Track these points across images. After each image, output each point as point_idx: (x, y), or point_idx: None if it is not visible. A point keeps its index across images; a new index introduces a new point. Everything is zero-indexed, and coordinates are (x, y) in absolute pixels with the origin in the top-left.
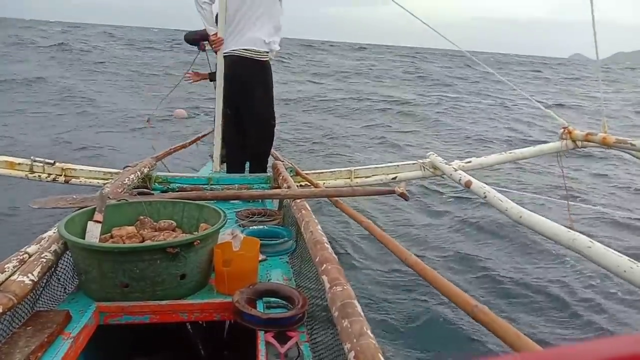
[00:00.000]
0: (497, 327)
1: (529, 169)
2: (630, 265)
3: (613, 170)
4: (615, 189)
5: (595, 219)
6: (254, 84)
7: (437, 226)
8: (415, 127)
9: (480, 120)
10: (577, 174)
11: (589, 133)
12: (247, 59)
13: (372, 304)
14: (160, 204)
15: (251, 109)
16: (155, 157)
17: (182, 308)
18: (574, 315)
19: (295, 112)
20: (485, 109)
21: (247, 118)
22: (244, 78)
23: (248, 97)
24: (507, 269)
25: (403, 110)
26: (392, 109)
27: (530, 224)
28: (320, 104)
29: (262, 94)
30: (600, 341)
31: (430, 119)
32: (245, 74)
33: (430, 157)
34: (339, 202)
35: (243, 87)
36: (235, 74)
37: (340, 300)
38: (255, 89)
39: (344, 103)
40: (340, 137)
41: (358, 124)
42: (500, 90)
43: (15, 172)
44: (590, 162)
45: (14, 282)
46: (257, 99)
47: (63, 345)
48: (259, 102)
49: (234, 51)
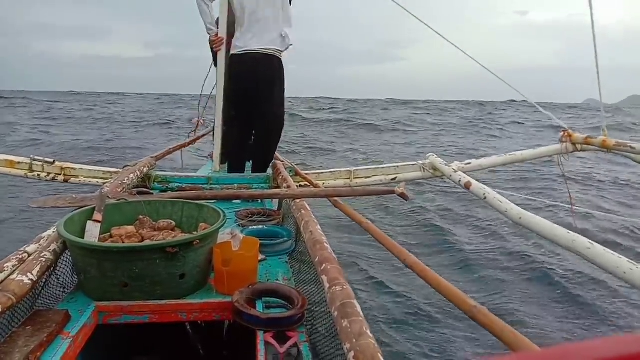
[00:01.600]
0: (495, 328)
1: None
2: (629, 266)
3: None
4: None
5: (599, 222)
6: (275, 79)
7: (437, 225)
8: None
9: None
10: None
11: (588, 136)
12: (268, 56)
13: (372, 304)
14: (159, 204)
15: (269, 105)
16: (154, 157)
17: (182, 308)
18: (574, 315)
19: None
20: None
21: (261, 115)
22: (264, 75)
23: (267, 93)
24: (507, 269)
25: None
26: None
27: (530, 225)
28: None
29: (279, 90)
30: (599, 341)
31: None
32: (266, 70)
33: (430, 158)
34: (338, 202)
35: (262, 84)
36: (256, 70)
37: (340, 300)
38: (275, 85)
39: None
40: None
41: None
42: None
43: (15, 170)
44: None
45: (13, 282)
46: (275, 95)
47: (62, 345)
48: (278, 98)
49: (254, 50)
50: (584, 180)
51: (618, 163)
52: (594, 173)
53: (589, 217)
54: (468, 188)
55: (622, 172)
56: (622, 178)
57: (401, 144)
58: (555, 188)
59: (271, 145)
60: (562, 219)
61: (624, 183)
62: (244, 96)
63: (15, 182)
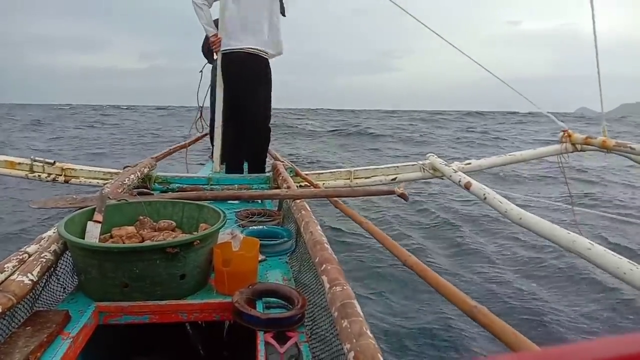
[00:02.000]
0: (496, 328)
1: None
2: (630, 267)
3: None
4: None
5: (601, 222)
6: (260, 79)
7: (437, 225)
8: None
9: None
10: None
11: (588, 136)
12: (254, 55)
13: (372, 304)
14: (160, 204)
15: (255, 104)
16: (154, 158)
17: (182, 308)
18: (574, 315)
19: None
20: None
21: (249, 114)
22: (249, 74)
23: (252, 92)
24: (507, 268)
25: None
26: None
27: (530, 225)
28: None
29: (265, 90)
30: (599, 341)
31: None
32: (252, 69)
33: (430, 158)
34: (338, 203)
35: (246, 83)
36: (241, 69)
37: (340, 300)
38: (260, 84)
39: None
40: None
41: None
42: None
43: (15, 171)
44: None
45: (13, 282)
46: (260, 94)
47: (62, 345)
48: (263, 98)
49: (241, 49)
50: (585, 180)
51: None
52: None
53: (589, 216)
54: (468, 188)
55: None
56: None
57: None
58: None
59: (261, 144)
60: (561, 218)
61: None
62: (232, 95)
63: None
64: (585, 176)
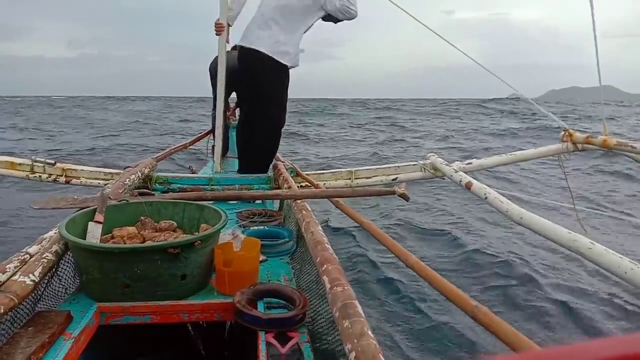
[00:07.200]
0: (496, 328)
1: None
2: (631, 266)
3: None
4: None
5: (603, 222)
6: (262, 77)
7: (436, 225)
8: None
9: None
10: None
11: (589, 136)
12: (256, 52)
13: (373, 305)
14: (160, 205)
15: (261, 104)
16: (155, 158)
17: (183, 308)
18: (574, 315)
19: None
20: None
21: (260, 113)
22: (253, 71)
23: (258, 90)
24: (507, 268)
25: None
26: None
27: (531, 225)
28: None
29: (269, 90)
30: (600, 341)
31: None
32: (255, 67)
33: (430, 158)
34: (339, 203)
35: (248, 80)
36: (244, 65)
37: (341, 300)
38: (263, 84)
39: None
40: None
41: None
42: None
43: (16, 172)
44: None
45: (15, 283)
46: (265, 93)
47: (64, 346)
48: (269, 97)
49: (245, 45)
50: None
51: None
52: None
53: (590, 216)
54: (469, 188)
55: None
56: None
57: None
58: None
59: (270, 144)
60: (562, 219)
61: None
62: (242, 90)
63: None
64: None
